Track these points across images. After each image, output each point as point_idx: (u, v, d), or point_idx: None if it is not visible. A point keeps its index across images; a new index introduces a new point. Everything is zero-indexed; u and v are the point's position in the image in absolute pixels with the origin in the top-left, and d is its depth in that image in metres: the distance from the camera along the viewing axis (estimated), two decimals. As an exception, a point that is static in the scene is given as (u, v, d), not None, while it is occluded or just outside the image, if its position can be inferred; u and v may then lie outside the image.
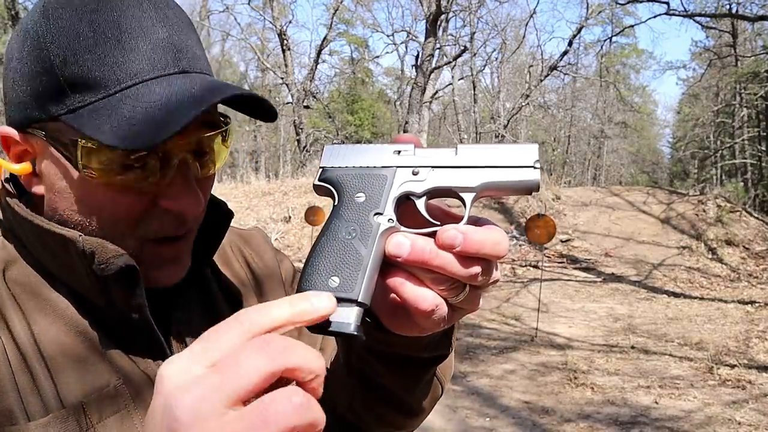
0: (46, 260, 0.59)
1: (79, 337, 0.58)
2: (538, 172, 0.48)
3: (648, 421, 4.37)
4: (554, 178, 16.41)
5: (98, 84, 0.53)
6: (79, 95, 0.54)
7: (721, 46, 23.94)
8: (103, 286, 0.57)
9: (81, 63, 0.53)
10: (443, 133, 34.19)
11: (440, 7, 18.64)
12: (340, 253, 0.47)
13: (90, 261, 0.56)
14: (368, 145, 0.52)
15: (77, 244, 0.55)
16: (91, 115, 0.53)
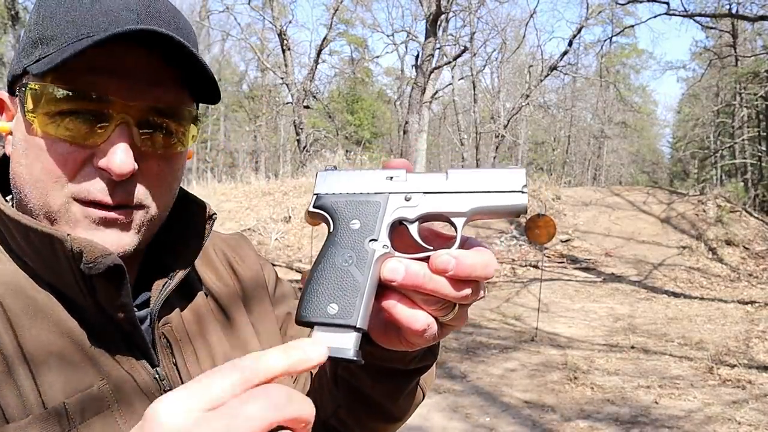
0: (30, 259, 0.58)
1: (64, 337, 0.57)
2: (525, 196, 0.50)
3: (648, 420, 4.37)
4: (554, 178, 16.41)
5: (62, 38, 0.56)
6: (45, 47, 0.57)
7: (721, 46, 23.93)
8: (89, 285, 0.57)
9: (55, 20, 0.57)
10: (443, 133, 34.20)
11: (440, 7, 18.64)
12: (338, 280, 0.48)
13: (77, 260, 0.55)
14: (360, 170, 0.53)
15: (65, 243, 0.55)
16: (44, 62, 0.55)
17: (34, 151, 0.57)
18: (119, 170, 0.56)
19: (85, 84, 0.56)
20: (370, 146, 30.38)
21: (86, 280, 0.57)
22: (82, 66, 0.55)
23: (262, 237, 11.89)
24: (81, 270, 0.55)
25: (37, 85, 0.56)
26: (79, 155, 0.57)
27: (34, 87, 0.56)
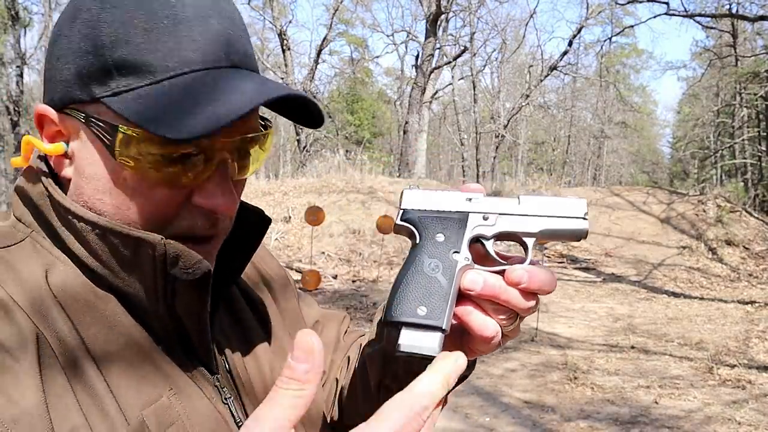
0: (99, 260, 0.55)
1: (131, 345, 0.55)
2: (587, 222, 0.57)
3: (648, 420, 4.37)
4: (554, 178, 16.41)
5: (147, 69, 0.51)
6: (125, 79, 0.51)
7: (721, 46, 23.93)
8: (171, 291, 0.55)
9: (132, 46, 0.51)
10: (443, 133, 34.19)
11: (440, 7, 18.64)
12: (426, 286, 0.52)
13: (171, 265, 0.54)
14: (442, 191, 0.58)
15: (157, 247, 0.53)
16: (136, 100, 0.51)
17: (126, 192, 0.54)
18: (227, 211, 0.57)
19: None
20: (370, 146, 30.38)
21: (169, 286, 0.55)
22: None
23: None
24: (167, 275, 0.54)
25: (135, 131, 0.51)
26: (179, 197, 0.55)
27: (130, 133, 0.51)
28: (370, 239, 11.93)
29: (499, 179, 20.82)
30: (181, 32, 0.52)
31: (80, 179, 0.55)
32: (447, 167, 35.76)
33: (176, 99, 0.51)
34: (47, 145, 0.56)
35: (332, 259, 11.29)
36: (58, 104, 0.55)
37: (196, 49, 0.53)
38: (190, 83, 0.52)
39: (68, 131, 0.55)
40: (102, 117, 0.52)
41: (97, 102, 0.52)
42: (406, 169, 18.57)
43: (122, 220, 0.54)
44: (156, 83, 0.51)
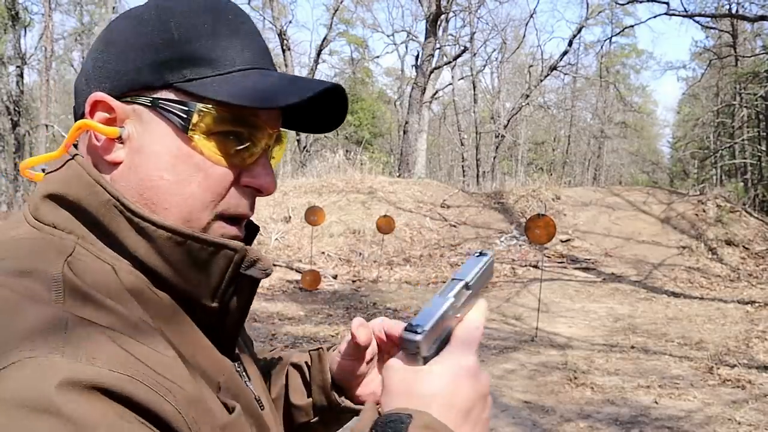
0: (162, 262, 0.59)
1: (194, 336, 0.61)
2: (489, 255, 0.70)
3: (648, 420, 4.37)
4: (554, 178, 16.41)
5: (217, 62, 0.60)
6: (197, 69, 0.60)
7: (721, 46, 23.93)
8: (234, 290, 0.63)
9: (201, 43, 0.60)
10: (443, 133, 34.18)
11: (440, 7, 18.63)
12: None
13: (248, 266, 0.62)
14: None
15: (237, 253, 0.61)
16: (210, 84, 0.59)
17: (190, 168, 0.60)
18: (272, 189, 0.65)
19: (250, 112, 0.61)
20: (370, 146, 30.37)
21: (233, 285, 0.62)
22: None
23: (262, 237, 11.89)
24: (237, 275, 0.62)
25: (212, 109, 0.59)
26: (233, 175, 0.62)
27: (207, 110, 0.59)
28: (370, 239, 11.93)
29: (499, 179, 20.81)
30: (240, 39, 0.63)
31: (139, 158, 0.60)
32: (447, 167, 35.76)
33: (253, 83, 0.60)
34: (105, 128, 0.60)
35: (332, 259, 11.29)
36: (116, 92, 0.60)
37: (254, 54, 0.63)
38: (253, 75, 0.62)
39: (124, 117, 0.60)
40: (177, 98, 0.59)
41: (169, 87, 0.60)
42: (406, 169, 18.57)
43: (181, 196, 0.60)
44: (228, 73, 0.61)
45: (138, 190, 0.60)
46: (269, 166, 0.65)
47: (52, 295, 0.50)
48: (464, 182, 20.45)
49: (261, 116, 0.62)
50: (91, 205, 0.58)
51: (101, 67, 0.61)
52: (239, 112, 0.61)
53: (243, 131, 0.61)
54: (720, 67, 23.91)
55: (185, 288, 0.60)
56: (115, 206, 0.58)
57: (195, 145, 0.60)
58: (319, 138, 26.78)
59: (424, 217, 13.11)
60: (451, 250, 11.77)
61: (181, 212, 0.60)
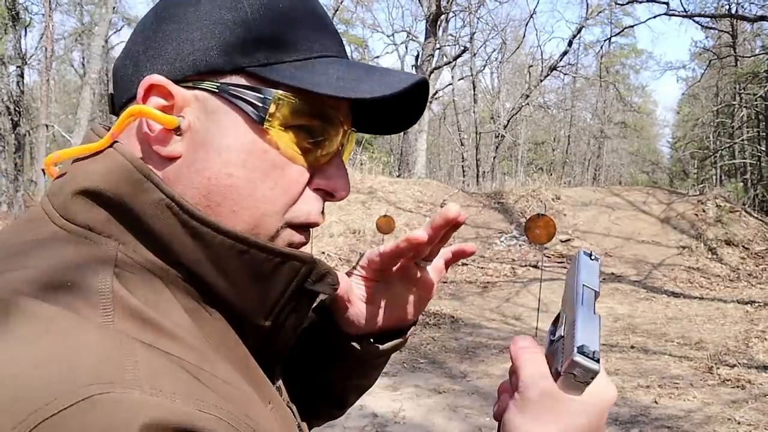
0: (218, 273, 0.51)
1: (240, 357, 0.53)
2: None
3: (648, 420, 4.37)
4: (554, 178, 16.42)
5: (294, 47, 0.53)
6: (273, 53, 0.52)
7: (721, 46, 23.95)
8: (293, 305, 0.55)
9: (278, 24, 0.52)
10: (443, 133, 34.19)
11: (440, 7, 18.64)
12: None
13: (315, 281, 0.54)
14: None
15: (306, 265, 0.53)
16: (288, 70, 0.52)
17: (265, 165, 0.52)
18: (346, 193, 0.58)
19: (331, 106, 0.55)
20: (370, 146, 30.37)
21: (293, 302, 0.54)
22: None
23: (262, 237, 11.92)
24: (301, 290, 0.54)
25: (292, 97, 0.52)
26: (306, 176, 0.55)
27: (288, 99, 0.52)
28: (370, 239, 11.94)
29: (499, 179, 20.82)
30: (319, 24, 0.56)
31: (204, 153, 0.51)
32: (447, 167, 35.77)
33: (336, 71, 0.53)
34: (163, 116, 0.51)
35: (332, 259, 11.30)
36: (175, 75, 0.51)
37: (332, 40, 0.56)
38: (335, 63, 0.54)
39: (184, 104, 0.52)
40: (250, 84, 0.52)
41: (241, 71, 0.51)
42: (406, 169, 18.58)
43: (253, 197, 0.52)
44: (305, 60, 0.53)
45: (201, 190, 0.51)
46: (344, 167, 0.58)
47: (98, 315, 0.41)
48: (464, 182, 20.46)
49: (341, 110, 0.55)
50: (137, 204, 0.49)
51: (156, 48, 0.52)
52: (318, 104, 0.53)
53: (319, 125, 0.54)
54: (720, 68, 23.93)
55: (238, 304, 0.52)
56: (168, 207, 0.49)
57: (270, 138, 0.52)
58: (319, 138, 26.73)
59: (424, 217, 13.12)
60: (451, 250, 11.78)
61: (251, 216, 0.52)
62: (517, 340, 0.58)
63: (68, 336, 0.38)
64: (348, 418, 4.24)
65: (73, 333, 0.39)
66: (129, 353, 0.39)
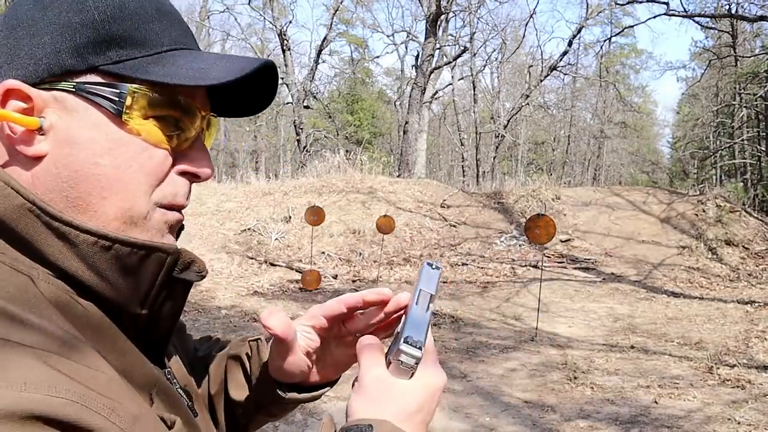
0: (87, 269, 0.54)
1: (119, 346, 0.56)
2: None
3: (648, 420, 4.37)
4: (554, 178, 16.42)
5: (144, 43, 0.56)
6: (123, 50, 0.55)
7: (721, 46, 23.95)
8: (166, 294, 0.59)
9: (125, 25, 0.55)
10: (443, 133, 34.19)
11: (440, 7, 18.64)
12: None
13: (183, 269, 0.59)
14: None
15: (170, 256, 0.57)
16: (140, 66, 0.55)
17: (129, 152, 0.55)
18: (210, 174, 0.61)
19: (186, 94, 0.58)
20: (370, 146, 30.37)
21: (165, 291, 0.58)
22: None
23: (262, 237, 11.90)
24: (170, 279, 0.58)
25: (145, 89, 0.55)
26: (170, 160, 0.58)
27: (142, 91, 0.55)
28: (370, 239, 11.93)
29: (498, 179, 20.82)
30: (166, 19, 0.58)
31: (69, 149, 0.54)
32: (447, 167, 35.77)
33: (186, 62, 0.56)
34: (24, 118, 0.53)
35: (332, 259, 11.29)
36: (31, 79, 0.54)
37: (179, 33, 0.59)
38: (183, 55, 0.58)
39: (43, 105, 0.54)
40: (105, 81, 0.55)
41: (94, 70, 0.54)
42: (406, 169, 18.57)
43: (119, 183, 0.55)
44: (156, 54, 0.56)
45: (69, 182, 0.54)
46: (206, 150, 0.61)
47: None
48: (464, 182, 20.46)
49: (196, 98, 0.59)
50: (4, 212, 0.51)
51: (8, 53, 0.55)
52: (173, 94, 0.57)
53: (177, 114, 0.57)
54: (720, 68, 23.93)
55: (112, 296, 0.55)
56: (30, 211, 0.51)
57: (131, 128, 0.55)
58: (319, 138, 26.76)
59: (424, 217, 13.12)
60: (451, 250, 11.77)
61: (122, 199, 0.55)
62: (363, 339, 0.65)
63: None
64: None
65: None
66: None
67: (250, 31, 29.98)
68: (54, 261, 0.52)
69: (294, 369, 0.72)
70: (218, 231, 11.99)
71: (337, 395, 4.65)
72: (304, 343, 0.72)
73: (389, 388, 0.59)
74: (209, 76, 0.55)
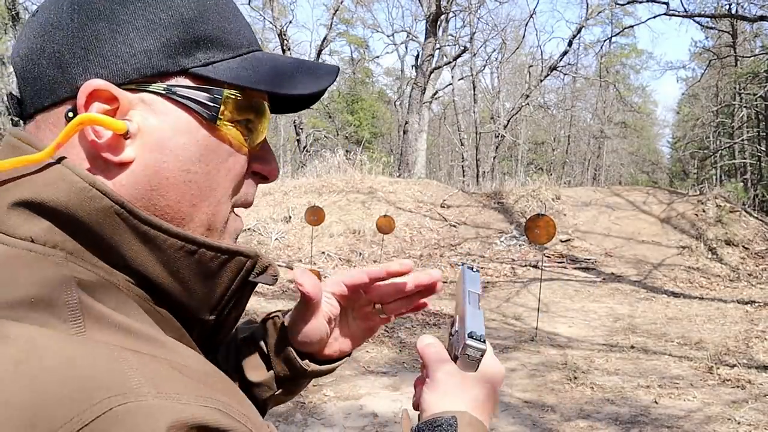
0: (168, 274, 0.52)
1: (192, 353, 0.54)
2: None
3: (648, 420, 4.37)
4: (554, 178, 16.42)
5: (227, 44, 0.55)
6: (210, 52, 0.53)
7: (721, 46, 23.95)
8: (238, 298, 0.58)
9: (210, 24, 0.54)
10: (443, 133, 34.19)
11: (440, 7, 18.64)
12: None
13: (259, 273, 0.57)
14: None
15: (251, 259, 0.56)
16: (230, 69, 0.54)
17: (218, 158, 0.54)
18: (277, 176, 0.62)
19: (263, 98, 0.58)
20: (370, 146, 30.38)
21: (238, 294, 0.57)
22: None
23: (262, 237, 11.90)
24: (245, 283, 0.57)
25: (239, 95, 0.55)
26: (247, 164, 0.58)
27: (235, 97, 0.54)
28: (370, 239, 11.93)
29: (499, 179, 20.83)
30: (240, 18, 0.58)
31: (160, 155, 0.51)
32: (447, 167, 35.77)
33: (270, 67, 0.56)
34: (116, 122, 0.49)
35: (332, 259, 11.29)
36: (117, 79, 0.50)
37: (252, 34, 0.59)
38: (266, 57, 0.58)
39: (129, 108, 0.51)
40: (197, 85, 0.53)
41: (185, 72, 0.52)
42: (406, 169, 18.57)
43: (208, 189, 0.54)
44: (239, 56, 0.56)
45: (159, 190, 0.51)
46: (272, 151, 0.62)
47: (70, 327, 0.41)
48: (464, 182, 20.46)
49: (267, 99, 0.59)
50: (83, 212, 0.48)
51: (86, 48, 0.50)
52: (255, 98, 0.57)
53: (252, 116, 0.57)
54: (720, 68, 23.94)
55: (187, 303, 0.54)
56: (117, 214, 0.49)
57: (221, 134, 0.54)
58: (319, 138, 26.76)
59: (424, 217, 13.12)
60: (451, 250, 11.77)
61: (209, 206, 0.54)
62: (423, 339, 0.69)
63: (57, 353, 0.38)
64: (348, 418, 4.24)
65: (60, 349, 0.39)
66: (123, 361, 0.40)
67: (250, 31, 29.95)
68: (135, 266, 0.50)
69: (314, 334, 0.71)
70: (218, 231, 12.00)
71: (337, 395, 4.65)
72: (326, 308, 0.72)
73: (461, 381, 0.64)
74: (297, 85, 0.56)
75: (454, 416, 0.60)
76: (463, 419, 0.60)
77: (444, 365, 0.65)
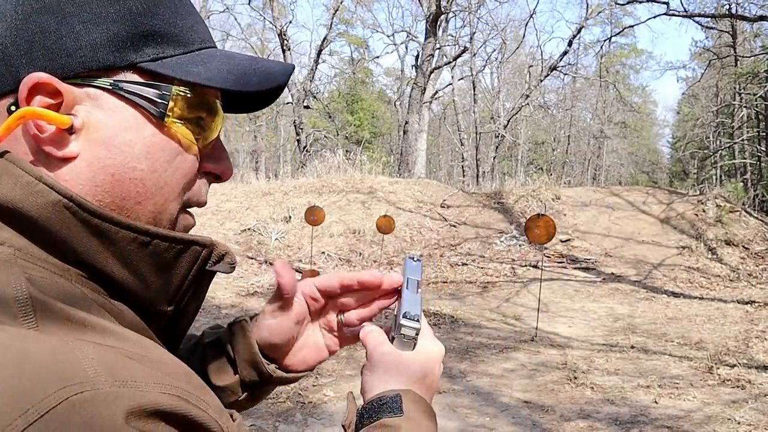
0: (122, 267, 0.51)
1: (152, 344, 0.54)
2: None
3: (647, 420, 4.37)
4: (554, 178, 16.42)
5: (177, 40, 0.54)
6: (161, 47, 0.52)
7: (721, 46, 23.96)
8: (196, 288, 0.57)
9: (162, 18, 0.53)
10: (443, 133, 34.20)
11: (440, 7, 18.64)
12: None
13: (216, 262, 0.57)
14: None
15: (206, 248, 0.56)
16: (181, 65, 0.53)
17: (166, 155, 0.53)
18: (230, 175, 0.61)
19: (215, 96, 0.58)
20: (370, 146, 30.38)
21: (195, 284, 0.57)
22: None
23: (262, 237, 11.90)
24: (202, 272, 0.57)
25: (188, 91, 0.54)
26: (197, 162, 0.57)
27: (183, 93, 0.53)
28: (370, 239, 11.93)
29: (498, 179, 20.82)
30: (194, 14, 0.57)
31: (106, 151, 0.50)
32: (447, 167, 35.78)
33: (223, 64, 0.55)
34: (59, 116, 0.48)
35: (332, 259, 11.29)
36: (62, 72, 0.49)
37: (205, 30, 0.58)
38: (221, 54, 0.57)
39: (74, 102, 0.49)
40: (145, 81, 0.52)
41: (133, 67, 0.51)
42: (406, 169, 18.58)
43: (155, 186, 0.53)
44: (191, 52, 0.55)
45: (104, 186, 0.50)
46: (225, 150, 0.61)
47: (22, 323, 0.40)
48: (464, 182, 20.46)
49: (219, 98, 0.58)
50: (30, 208, 0.46)
51: (31, 40, 0.49)
52: (206, 95, 0.56)
53: (203, 114, 0.56)
54: (720, 67, 23.94)
55: (143, 294, 0.53)
56: (67, 207, 0.47)
57: (170, 131, 0.53)
58: (319, 138, 26.76)
59: (424, 217, 13.12)
60: (451, 250, 11.77)
61: (155, 204, 0.53)
62: (365, 327, 0.71)
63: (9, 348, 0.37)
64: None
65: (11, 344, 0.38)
66: (78, 352, 0.39)
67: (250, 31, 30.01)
68: (88, 260, 0.49)
69: (283, 332, 0.71)
70: (218, 231, 11.99)
71: (337, 395, 4.65)
72: (296, 308, 0.73)
73: (397, 359, 0.66)
74: (251, 82, 0.54)
75: (398, 394, 0.63)
76: (407, 396, 0.63)
77: (381, 346, 0.67)
